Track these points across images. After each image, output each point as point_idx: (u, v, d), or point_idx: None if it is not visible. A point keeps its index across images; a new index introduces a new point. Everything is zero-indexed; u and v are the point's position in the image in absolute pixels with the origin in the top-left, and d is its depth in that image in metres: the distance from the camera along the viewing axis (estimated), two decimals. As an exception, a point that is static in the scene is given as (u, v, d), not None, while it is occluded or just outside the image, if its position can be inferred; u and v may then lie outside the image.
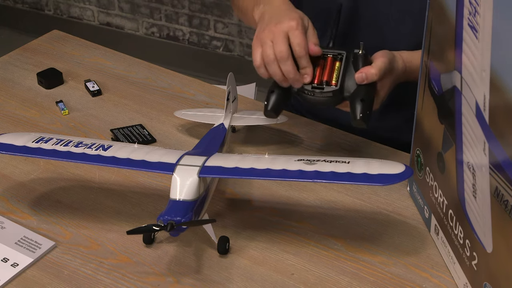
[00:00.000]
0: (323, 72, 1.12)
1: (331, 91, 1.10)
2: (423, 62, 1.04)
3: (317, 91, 1.11)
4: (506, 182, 0.80)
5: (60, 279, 1.00)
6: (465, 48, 0.87)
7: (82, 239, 1.07)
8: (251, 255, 1.04)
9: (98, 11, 3.24)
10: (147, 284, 0.99)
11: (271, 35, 1.10)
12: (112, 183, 1.18)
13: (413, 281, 1.01)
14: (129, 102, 1.39)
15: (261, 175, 1.00)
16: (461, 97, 0.90)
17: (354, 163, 0.99)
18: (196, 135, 1.29)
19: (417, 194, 1.12)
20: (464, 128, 0.90)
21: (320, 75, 1.12)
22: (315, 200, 1.15)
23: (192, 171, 0.99)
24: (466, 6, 0.85)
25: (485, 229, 0.87)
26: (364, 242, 1.07)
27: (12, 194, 1.15)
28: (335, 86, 1.10)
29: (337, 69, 1.12)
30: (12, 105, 1.38)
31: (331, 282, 1.00)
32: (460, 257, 0.96)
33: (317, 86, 1.11)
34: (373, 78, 1.10)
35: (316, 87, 1.11)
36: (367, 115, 1.08)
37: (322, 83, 1.11)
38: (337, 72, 1.12)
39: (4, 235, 1.06)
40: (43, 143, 1.06)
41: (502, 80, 0.78)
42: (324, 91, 1.10)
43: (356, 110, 1.08)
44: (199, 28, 3.05)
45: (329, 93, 1.10)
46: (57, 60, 1.52)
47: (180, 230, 0.96)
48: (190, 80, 1.47)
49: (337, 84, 1.11)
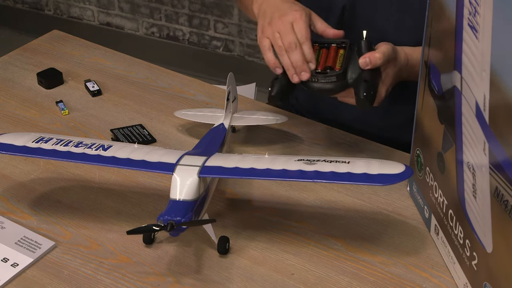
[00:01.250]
0: (327, 59, 1.12)
1: (335, 75, 1.09)
2: (423, 62, 1.04)
3: (320, 76, 1.10)
4: (506, 182, 0.80)
5: (60, 279, 1.00)
6: (465, 48, 0.87)
7: (82, 239, 1.07)
8: (251, 255, 1.04)
9: (98, 11, 3.24)
10: (147, 284, 0.99)
11: (277, 27, 1.11)
12: (112, 183, 1.18)
13: (413, 281, 1.01)
14: (129, 102, 1.39)
15: (261, 175, 1.00)
16: (461, 97, 0.90)
17: (354, 163, 0.99)
18: (196, 135, 1.29)
19: (417, 194, 1.12)
20: (464, 128, 0.90)
21: (324, 62, 1.12)
22: (315, 200, 1.15)
23: (192, 171, 0.99)
24: (466, 6, 0.85)
25: (485, 229, 0.87)
26: (364, 242, 1.07)
27: (12, 194, 1.15)
28: (339, 71, 1.10)
29: (341, 56, 1.12)
30: (12, 105, 1.38)
31: (331, 282, 1.00)
32: (460, 257, 0.96)
33: (321, 72, 1.10)
34: (377, 62, 1.09)
35: (320, 72, 1.10)
36: (371, 95, 1.07)
37: (326, 69, 1.11)
38: (341, 59, 1.11)
39: (4, 235, 1.06)
40: (43, 143, 1.06)
41: (502, 80, 0.78)
42: (328, 75, 1.10)
43: (360, 90, 1.07)
44: (199, 28, 3.05)
45: (333, 77, 1.09)
46: (57, 60, 1.52)
47: (180, 230, 0.96)
48: (190, 80, 1.47)
49: (341, 68, 1.10)
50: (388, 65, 1.12)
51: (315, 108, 1.41)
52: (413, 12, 1.25)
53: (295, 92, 1.47)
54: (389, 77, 1.14)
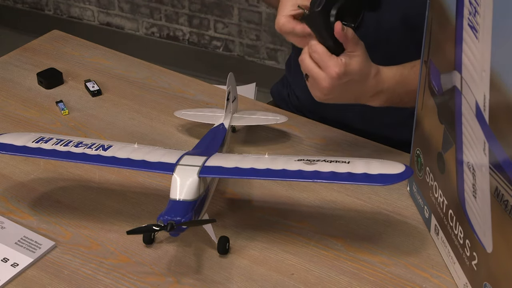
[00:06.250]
0: None
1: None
2: (423, 62, 1.04)
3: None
4: (506, 182, 0.80)
5: (60, 279, 1.00)
6: (465, 48, 0.87)
7: (82, 239, 1.07)
8: (251, 255, 1.04)
9: (98, 11, 3.24)
10: (147, 284, 0.99)
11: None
12: (112, 183, 1.18)
13: (413, 281, 1.01)
14: (129, 102, 1.39)
15: (261, 175, 1.00)
16: (461, 97, 0.90)
17: (354, 163, 0.99)
18: (196, 135, 1.29)
19: (417, 194, 1.12)
20: (464, 128, 0.90)
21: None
22: (315, 200, 1.15)
23: (192, 171, 0.99)
24: (466, 6, 0.85)
25: (485, 229, 0.87)
26: (364, 242, 1.07)
27: (12, 194, 1.15)
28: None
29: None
30: (12, 105, 1.38)
31: (331, 282, 1.00)
32: (460, 257, 0.96)
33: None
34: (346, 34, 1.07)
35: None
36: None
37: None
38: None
39: (4, 235, 1.06)
40: (43, 143, 1.06)
41: (502, 80, 0.78)
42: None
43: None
44: (199, 28, 3.05)
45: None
46: (57, 60, 1.52)
47: (180, 230, 0.96)
48: (190, 80, 1.47)
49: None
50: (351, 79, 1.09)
51: (316, 107, 1.41)
52: (411, 16, 1.25)
53: (296, 92, 1.47)
54: (348, 92, 1.11)
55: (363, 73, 1.09)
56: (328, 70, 1.06)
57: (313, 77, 1.08)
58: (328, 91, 1.08)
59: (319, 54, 1.07)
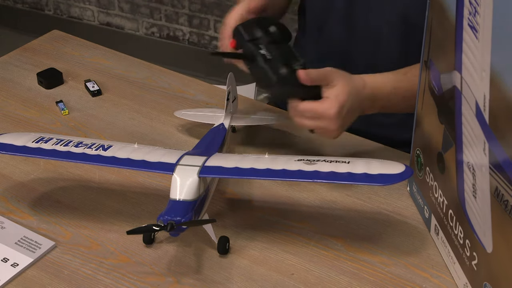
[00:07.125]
0: None
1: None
2: (423, 62, 1.04)
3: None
4: (506, 182, 0.80)
5: (60, 279, 1.00)
6: (465, 48, 0.87)
7: (82, 239, 1.07)
8: (251, 255, 1.04)
9: (98, 11, 3.24)
10: (147, 284, 0.99)
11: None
12: (112, 183, 1.18)
13: (413, 281, 1.01)
14: (129, 102, 1.39)
15: (261, 175, 1.00)
16: (461, 97, 0.90)
17: (354, 163, 0.99)
18: (196, 135, 1.29)
19: (417, 194, 1.12)
20: (464, 128, 0.90)
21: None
22: (315, 200, 1.15)
23: (192, 171, 0.99)
24: (466, 6, 0.85)
25: (485, 229, 0.87)
26: (364, 242, 1.07)
27: (12, 194, 1.15)
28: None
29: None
30: (12, 105, 1.38)
31: (331, 282, 1.00)
32: (460, 257, 0.96)
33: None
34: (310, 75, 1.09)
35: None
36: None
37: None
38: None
39: (4, 235, 1.06)
40: (43, 143, 1.06)
41: (502, 80, 0.78)
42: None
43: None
44: (199, 28, 3.05)
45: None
46: (57, 60, 1.52)
47: (180, 230, 0.96)
48: (190, 80, 1.47)
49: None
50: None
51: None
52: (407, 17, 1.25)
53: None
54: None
55: (352, 92, 1.11)
56: (327, 116, 1.09)
57: (320, 129, 1.11)
58: (338, 128, 1.11)
59: (309, 111, 1.09)
